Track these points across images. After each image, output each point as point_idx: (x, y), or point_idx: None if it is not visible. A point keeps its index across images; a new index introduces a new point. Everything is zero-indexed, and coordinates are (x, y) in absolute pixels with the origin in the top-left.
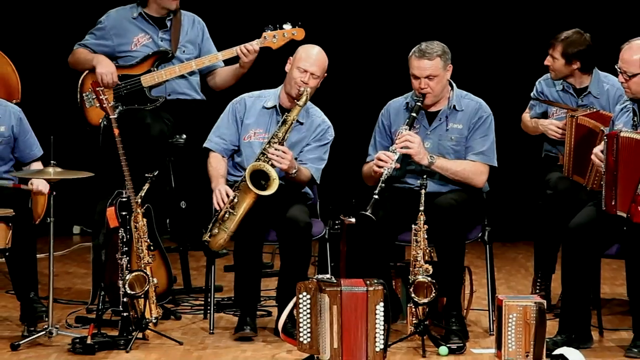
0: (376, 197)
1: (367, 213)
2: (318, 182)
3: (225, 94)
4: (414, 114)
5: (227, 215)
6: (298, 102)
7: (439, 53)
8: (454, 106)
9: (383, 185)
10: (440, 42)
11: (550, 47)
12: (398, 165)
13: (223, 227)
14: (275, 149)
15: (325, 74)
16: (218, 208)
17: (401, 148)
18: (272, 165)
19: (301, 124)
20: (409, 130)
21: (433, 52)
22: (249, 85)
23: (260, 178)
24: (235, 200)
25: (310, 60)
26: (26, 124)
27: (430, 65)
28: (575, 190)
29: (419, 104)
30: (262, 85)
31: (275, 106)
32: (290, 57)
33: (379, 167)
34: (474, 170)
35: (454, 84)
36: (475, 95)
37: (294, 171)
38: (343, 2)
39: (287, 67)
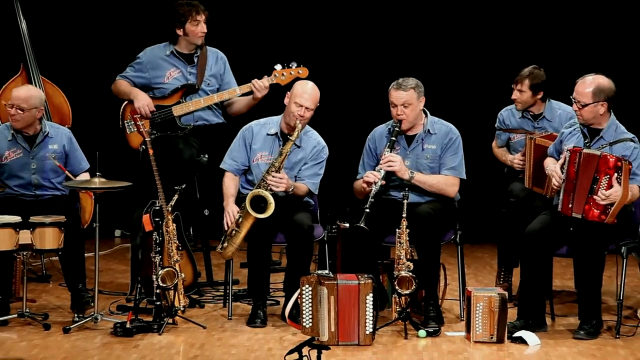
0: (367, 211)
1: (361, 225)
2: (316, 193)
3: (241, 119)
4: (393, 138)
5: (233, 232)
6: (291, 137)
7: (413, 86)
8: (428, 130)
9: (372, 200)
10: (414, 78)
11: (517, 84)
12: (384, 182)
13: (231, 242)
14: (273, 177)
15: (318, 104)
16: (226, 227)
17: (386, 167)
18: (271, 190)
19: (299, 147)
20: (390, 152)
21: (408, 85)
22: (259, 112)
23: (260, 202)
24: (240, 220)
25: (305, 96)
26: (75, 143)
27: (405, 95)
28: (532, 198)
29: (397, 128)
30: (268, 111)
31: (277, 133)
32: (289, 92)
33: (368, 184)
34: (447, 182)
35: (427, 112)
36: (449, 122)
37: (290, 189)
38: (338, 45)
39: (286, 101)
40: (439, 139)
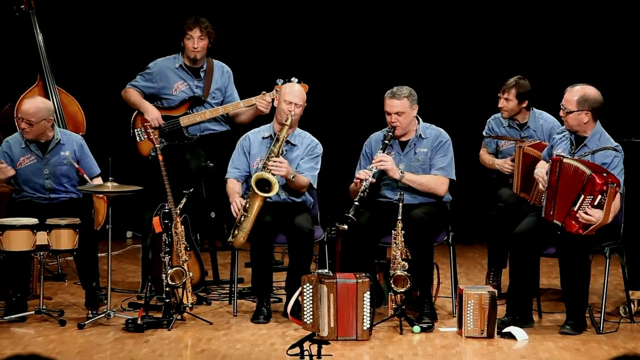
0: (357, 203)
1: (350, 215)
2: (315, 186)
3: (245, 126)
4: (386, 142)
5: (242, 218)
6: (285, 123)
7: (406, 95)
8: (420, 135)
9: (362, 194)
10: (408, 87)
11: (504, 92)
12: (374, 180)
13: (241, 228)
14: (274, 161)
15: (305, 104)
16: (235, 215)
17: (379, 165)
18: (273, 174)
19: (294, 145)
20: (383, 153)
21: (401, 94)
22: (263, 121)
23: (264, 185)
24: (247, 205)
25: (294, 93)
26: (86, 149)
27: (399, 104)
28: (520, 203)
29: (391, 134)
30: (270, 120)
31: (270, 135)
32: (277, 95)
33: (360, 180)
34: (436, 181)
35: (420, 119)
36: (440, 127)
37: (291, 176)
38: (335, 54)
39: (275, 103)
40: (430, 143)
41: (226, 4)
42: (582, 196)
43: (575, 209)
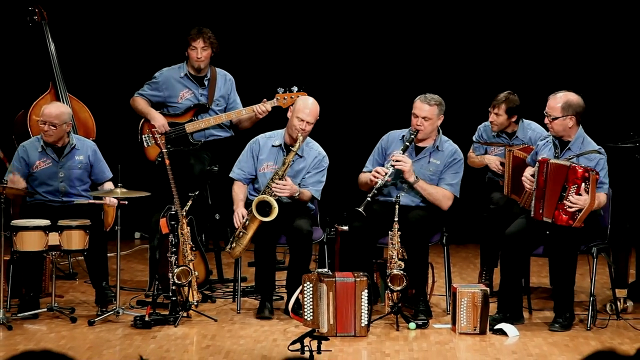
0: (369, 199)
1: (360, 210)
2: (319, 198)
3: (248, 132)
4: (407, 143)
5: (241, 234)
6: (293, 148)
7: (437, 103)
8: (437, 147)
9: (376, 191)
10: (440, 97)
11: (494, 107)
12: (390, 179)
13: (239, 243)
14: (277, 184)
15: (318, 117)
16: (236, 226)
17: (398, 165)
18: (276, 196)
19: (301, 157)
20: (403, 154)
21: (432, 101)
22: (266, 126)
23: (265, 206)
24: (247, 222)
25: (306, 111)
26: (99, 154)
27: (428, 109)
28: (511, 205)
29: (413, 136)
30: (273, 126)
31: (281, 144)
32: (291, 107)
33: (375, 177)
34: (445, 195)
35: (440, 130)
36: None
37: (296, 195)
38: (337, 63)
39: (289, 115)
40: (444, 157)
41: (229, 14)
42: (567, 187)
43: (562, 201)
